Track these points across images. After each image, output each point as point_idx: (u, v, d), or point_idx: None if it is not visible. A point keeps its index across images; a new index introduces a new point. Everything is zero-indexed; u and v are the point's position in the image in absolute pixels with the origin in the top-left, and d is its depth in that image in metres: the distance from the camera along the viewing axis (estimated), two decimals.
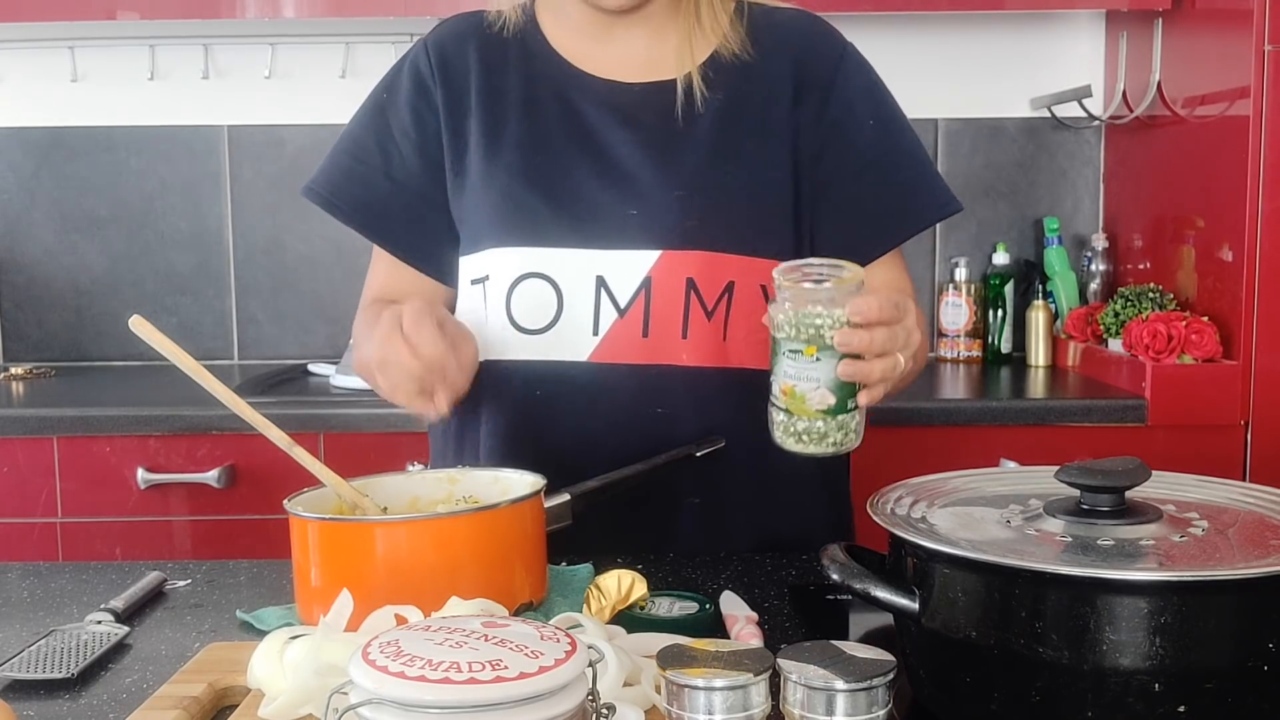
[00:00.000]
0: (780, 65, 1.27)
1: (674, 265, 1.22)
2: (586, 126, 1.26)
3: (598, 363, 1.23)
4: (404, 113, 1.30)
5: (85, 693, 0.90)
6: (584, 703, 0.66)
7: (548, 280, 1.24)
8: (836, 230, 1.27)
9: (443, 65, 1.30)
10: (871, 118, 1.29)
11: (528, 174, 1.25)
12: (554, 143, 1.26)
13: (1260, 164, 2.11)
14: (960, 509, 0.87)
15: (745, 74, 1.27)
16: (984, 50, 2.74)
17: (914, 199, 1.30)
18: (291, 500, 1.02)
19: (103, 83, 2.75)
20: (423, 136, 1.30)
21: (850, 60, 1.30)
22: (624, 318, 1.23)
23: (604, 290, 1.23)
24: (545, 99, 1.28)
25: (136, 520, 2.18)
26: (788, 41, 1.29)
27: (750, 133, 1.26)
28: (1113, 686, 0.72)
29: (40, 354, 2.78)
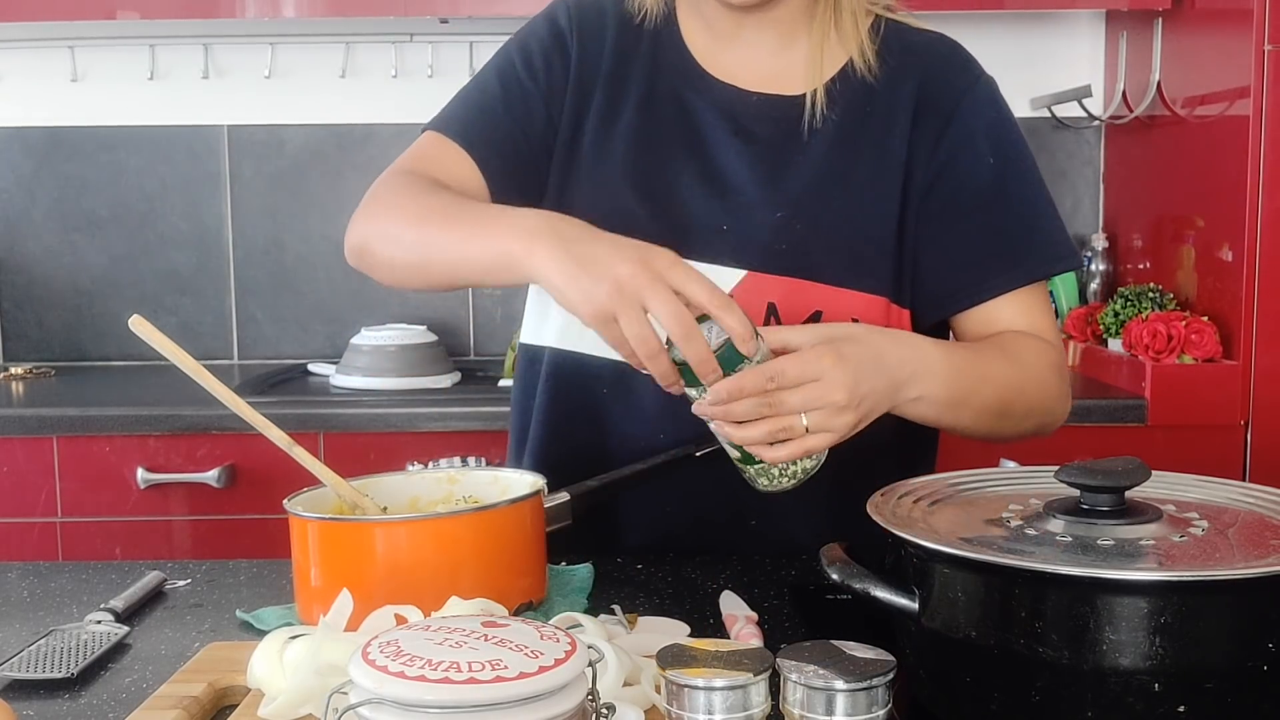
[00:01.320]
0: (904, 89, 1.23)
1: (758, 287, 1.18)
2: (699, 132, 1.23)
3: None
4: (537, 59, 1.26)
5: (85, 692, 0.90)
6: (584, 703, 0.66)
7: None
8: (935, 270, 1.22)
9: (582, 29, 1.26)
10: (992, 155, 1.23)
11: (632, 174, 1.23)
12: (664, 144, 1.23)
13: (1260, 164, 2.11)
14: (960, 509, 0.87)
15: (868, 95, 1.22)
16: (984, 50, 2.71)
17: (1027, 248, 1.22)
18: (291, 500, 1.02)
19: (103, 83, 2.75)
20: (550, 84, 1.25)
21: (980, 92, 1.26)
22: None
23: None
24: (664, 95, 1.25)
25: (136, 520, 2.18)
26: (917, 65, 1.24)
27: (864, 160, 1.21)
28: (1113, 686, 0.72)
29: (40, 354, 2.78)
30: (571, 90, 1.26)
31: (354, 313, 2.77)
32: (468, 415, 2.17)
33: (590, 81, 1.26)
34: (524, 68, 1.27)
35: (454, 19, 2.52)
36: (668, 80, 1.25)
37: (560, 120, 1.26)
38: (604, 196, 1.23)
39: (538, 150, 1.26)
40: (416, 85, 2.69)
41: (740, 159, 1.22)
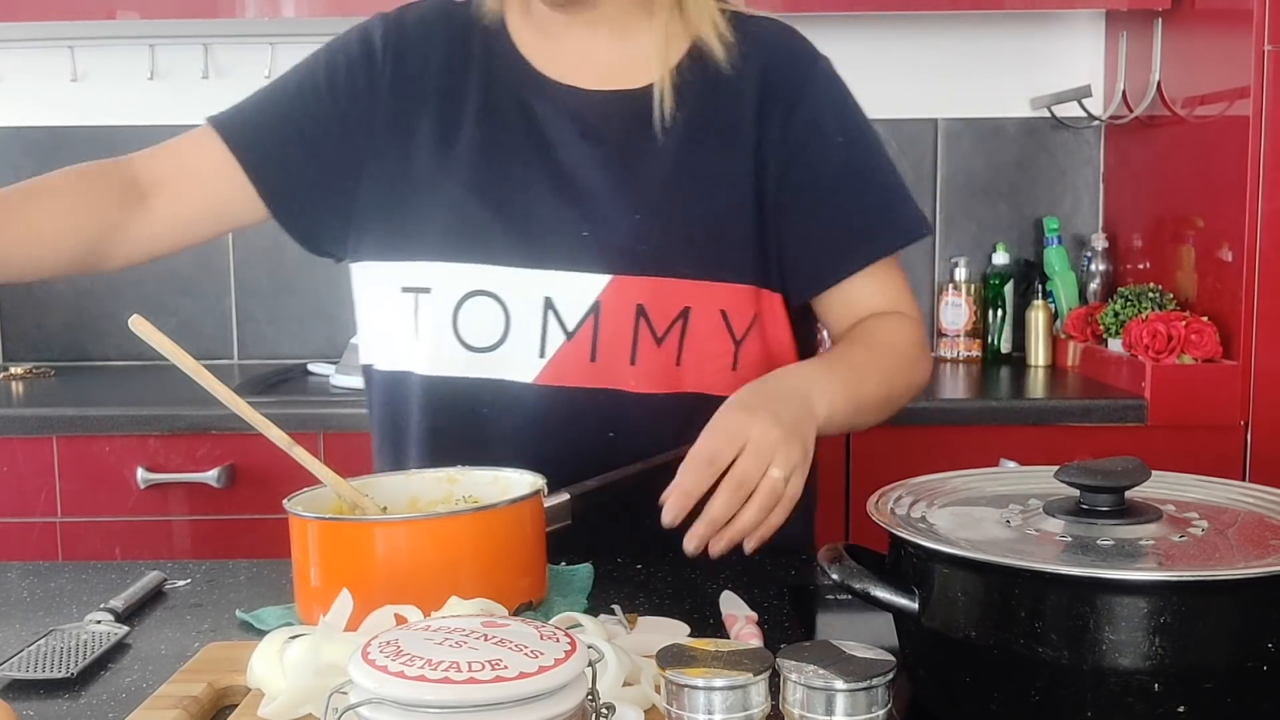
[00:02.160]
0: (748, 77, 1.23)
1: (624, 290, 1.19)
2: (545, 138, 1.22)
3: (544, 385, 1.20)
4: (340, 77, 1.25)
5: (85, 692, 0.90)
6: (584, 703, 0.66)
7: (495, 299, 1.20)
8: (801, 252, 1.24)
9: (399, 49, 1.25)
10: (840, 135, 1.25)
11: (480, 187, 1.21)
12: (510, 153, 1.22)
13: (1260, 164, 2.11)
14: (960, 509, 0.87)
15: (714, 86, 1.23)
16: (984, 50, 2.74)
17: (881, 222, 1.26)
18: (291, 500, 1.02)
19: (103, 83, 2.75)
20: (350, 105, 1.24)
21: (820, 73, 1.26)
22: (572, 341, 1.20)
23: (552, 312, 1.19)
24: (504, 104, 1.23)
25: (136, 520, 2.18)
26: (758, 53, 1.24)
27: (715, 153, 1.22)
28: (1112, 686, 0.72)
29: (40, 354, 2.78)
30: (386, 109, 1.24)
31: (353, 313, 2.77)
32: None
33: (415, 99, 1.24)
34: (326, 81, 1.25)
35: None
36: (506, 88, 1.24)
37: (369, 139, 1.24)
38: (449, 211, 1.22)
39: (331, 165, 1.24)
40: None
41: (591, 161, 1.21)
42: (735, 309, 1.22)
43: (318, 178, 1.25)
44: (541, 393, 1.21)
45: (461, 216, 1.21)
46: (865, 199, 1.26)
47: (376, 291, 1.27)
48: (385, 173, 1.24)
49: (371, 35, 1.26)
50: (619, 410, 1.21)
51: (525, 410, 1.21)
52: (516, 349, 1.21)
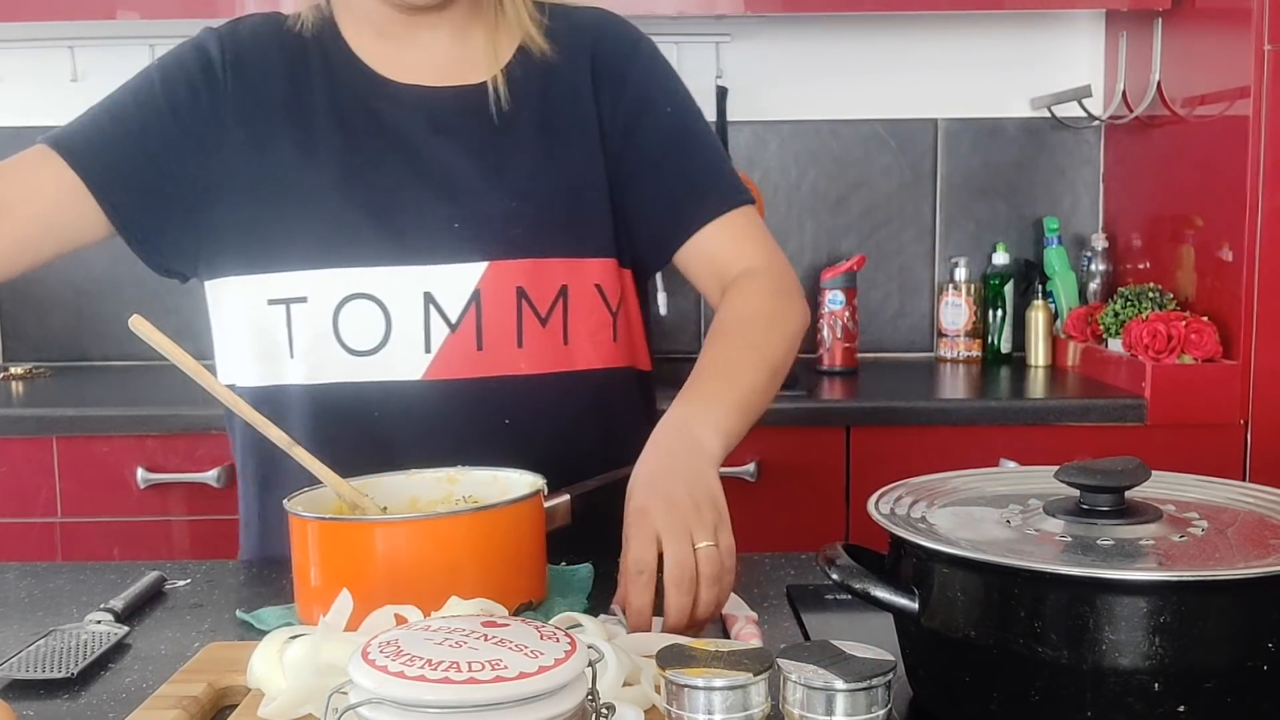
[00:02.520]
0: (580, 63, 1.27)
1: (502, 275, 1.20)
2: (402, 137, 1.23)
3: (433, 380, 1.21)
4: (180, 88, 1.23)
5: (85, 693, 0.90)
6: (584, 703, 0.66)
7: (374, 300, 1.20)
8: (646, 220, 1.28)
9: (239, 63, 1.24)
10: (669, 107, 1.30)
11: (348, 191, 1.21)
12: (372, 155, 1.22)
13: (1260, 164, 2.11)
14: (960, 509, 0.87)
15: (550, 76, 1.27)
16: (984, 50, 2.74)
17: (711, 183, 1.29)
18: (291, 500, 1.02)
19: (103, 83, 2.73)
20: (194, 120, 1.22)
21: (643, 51, 1.31)
22: (456, 332, 1.20)
23: (433, 306, 1.20)
24: (354, 110, 1.23)
25: (136, 520, 2.18)
26: (584, 38, 1.29)
27: (566, 137, 1.25)
28: (1112, 686, 0.72)
29: (40, 354, 2.78)
30: (235, 123, 1.23)
31: None
32: None
33: (264, 110, 1.23)
34: (166, 99, 1.24)
35: None
36: (352, 95, 1.24)
37: (220, 156, 1.22)
38: (320, 218, 1.21)
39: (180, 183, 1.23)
40: None
41: (453, 155, 1.23)
42: (607, 281, 1.27)
43: (167, 197, 1.23)
44: (431, 388, 1.21)
45: (333, 222, 1.21)
46: (699, 162, 1.30)
47: (239, 307, 1.25)
48: (242, 187, 1.23)
49: (207, 49, 1.25)
50: (511, 396, 1.22)
51: (416, 408, 1.21)
52: (401, 347, 1.21)
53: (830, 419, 2.17)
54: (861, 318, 2.69)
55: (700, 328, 2.80)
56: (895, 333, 2.81)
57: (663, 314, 2.77)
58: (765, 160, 2.76)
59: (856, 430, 2.16)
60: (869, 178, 2.77)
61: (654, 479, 1.04)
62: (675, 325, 2.80)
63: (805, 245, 2.78)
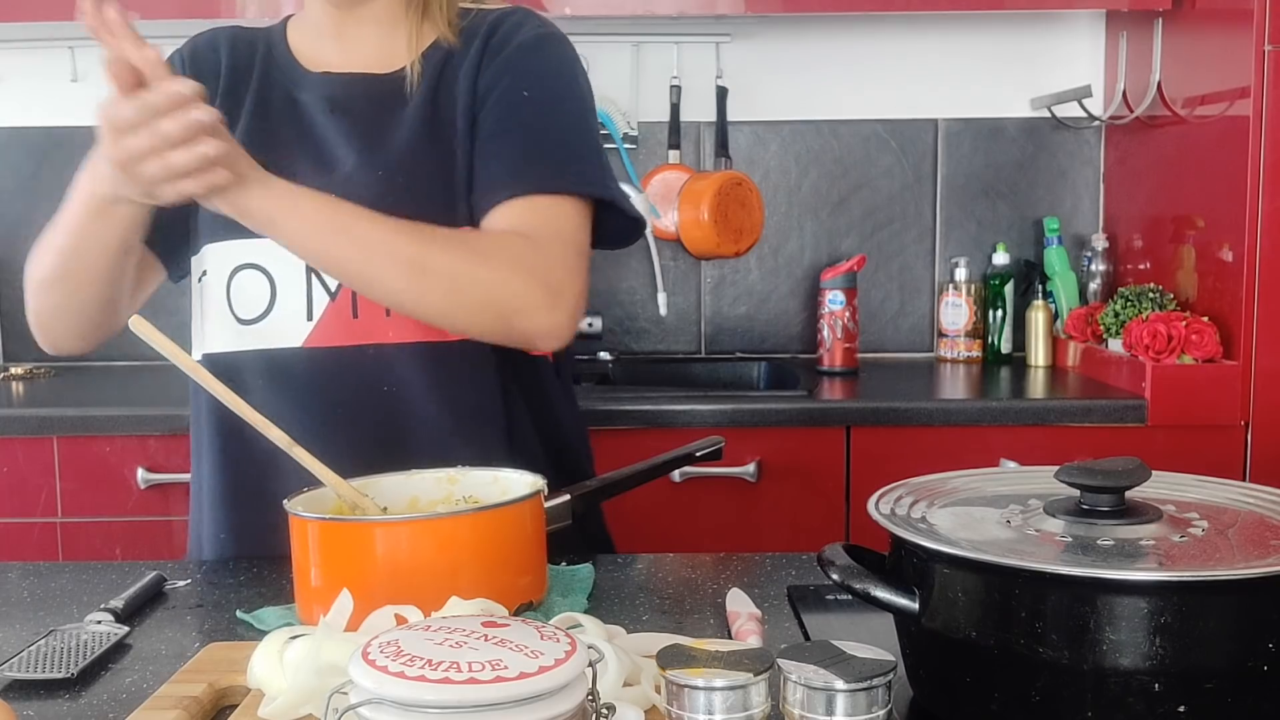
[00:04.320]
0: (473, 48, 1.31)
1: None
2: (306, 120, 1.30)
3: (314, 347, 1.25)
4: None
5: (85, 693, 0.90)
6: (584, 703, 0.66)
7: (260, 270, 1.26)
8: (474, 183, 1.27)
9: (196, 69, 1.34)
10: (525, 88, 1.28)
11: None
12: (277, 141, 1.29)
13: (1260, 164, 2.11)
14: (960, 509, 0.87)
15: (447, 60, 1.31)
16: (984, 50, 2.74)
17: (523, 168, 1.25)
18: (291, 500, 1.02)
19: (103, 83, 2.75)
20: None
21: (526, 36, 1.30)
22: (335, 301, 1.25)
23: (315, 275, 1.25)
24: (275, 99, 1.32)
25: (136, 520, 2.18)
26: (485, 25, 1.33)
27: (448, 115, 1.29)
28: (1113, 686, 0.72)
29: (40, 354, 2.77)
30: None
31: None
32: None
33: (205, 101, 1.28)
34: None
35: None
36: (276, 86, 1.34)
37: None
38: None
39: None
40: None
41: (339, 134, 1.29)
42: None
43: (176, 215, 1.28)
44: (311, 355, 1.26)
45: None
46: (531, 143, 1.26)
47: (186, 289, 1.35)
48: None
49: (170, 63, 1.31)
50: (386, 364, 1.26)
51: (298, 375, 1.26)
52: (284, 315, 1.26)
53: (830, 419, 2.17)
54: (862, 318, 2.70)
55: (700, 328, 2.81)
56: (895, 333, 2.81)
57: (663, 314, 2.77)
58: (765, 160, 2.76)
59: (857, 430, 2.16)
60: (869, 178, 2.77)
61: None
62: (675, 325, 2.80)
63: (805, 245, 2.78)
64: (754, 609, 1.01)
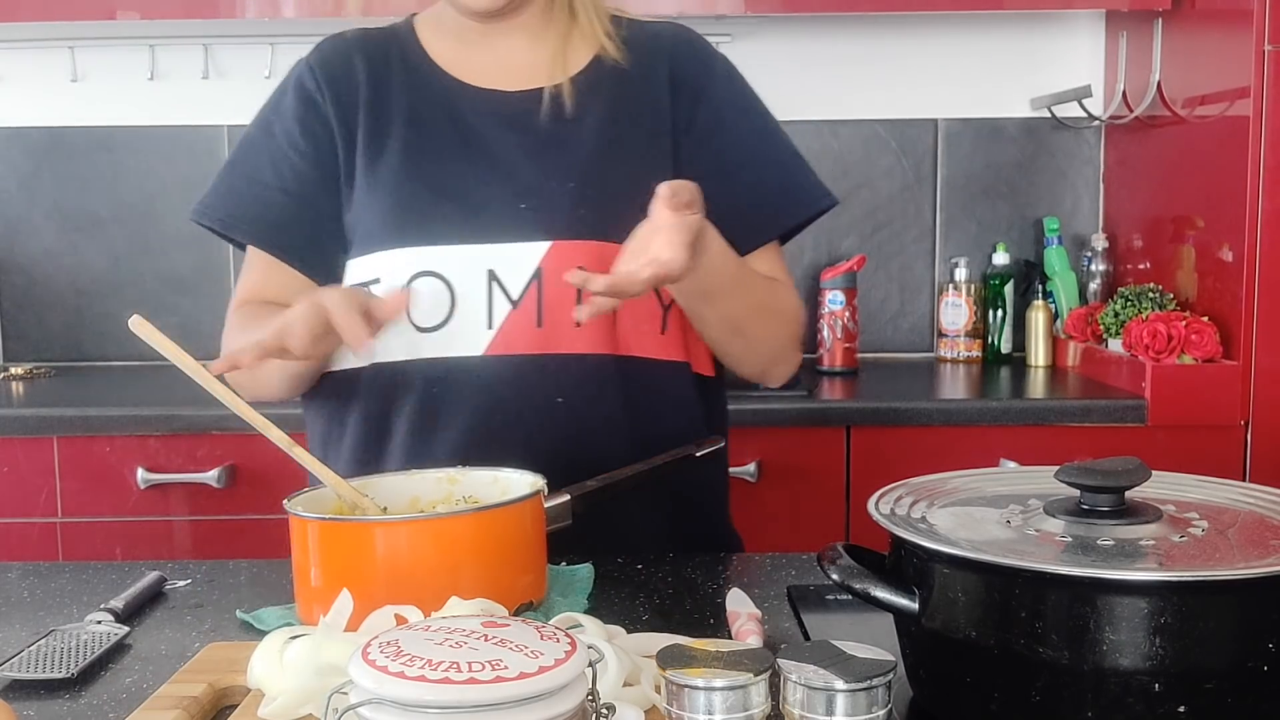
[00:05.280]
0: (656, 70, 1.31)
1: (565, 255, 1.23)
2: (473, 132, 1.28)
3: (494, 356, 1.24)
4: (294, 129, 1.31)
5: (85, 693, 0.90)
6: (584, 703, 0.66)
7: (439, 278, 1.24)
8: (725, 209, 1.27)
9: (330, 80, 1.31)
10: (743, 126, 1.34)
11: (416, 174, 1.26)
12: (443, 149, 1.28)
13: (1260, 164, 2.11)
14: (960, 509, 0.87)
15: (624, 79, 1.31)
16: (984, 50, 2.74)
17: (785, 199, 1.34)
18: (291, 500, 1.02)
19: (103, 83, 2.75)
20: (315, 150, 1.30)
21: (718, 67, 1.35)
22: (517, 309, 1.24)
23: (496, 283, 1.24)
24: (429, 110, 1.30)
25: (136, 520, 2.18)
26: (660, 48, 1.33)
27: (635, 133, 1.29)
28: (1113, 686, 0.72)
29: (40, 354, 2.78)
30: (340, 140, 1.30)
31: None
32: None
33: (353, 117, 1.30)
34: (287, 141, 1.31)
35: None
36: (430, 97, 1.30)
37: (338, 168, 1.30)
38: (389, 197, 1.27)
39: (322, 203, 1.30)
40: None
41: (520, 149, 1.27)
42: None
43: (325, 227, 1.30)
44: (490, 364, 1.24)
45: (402, 200, 1.26)
46: (769, 179, 1.34)
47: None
48: (344, 188, 1.30)
49: (304, 84, 1.32)
50: (565, 374, 1.25)
51: (475, 383, 1.25)
52: (463, 324, 1.24)
53: (830, 419, 2.17)
54: (862, 318, 2.69)
55: None
56: (895, 333, 2.81)
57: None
58: None
59: (856, 430, 2.16)
60: (869, 178, 2.77)
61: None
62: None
63: (805, 245, 2.78)
64: (754, 609, 1.01)
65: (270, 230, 1.31)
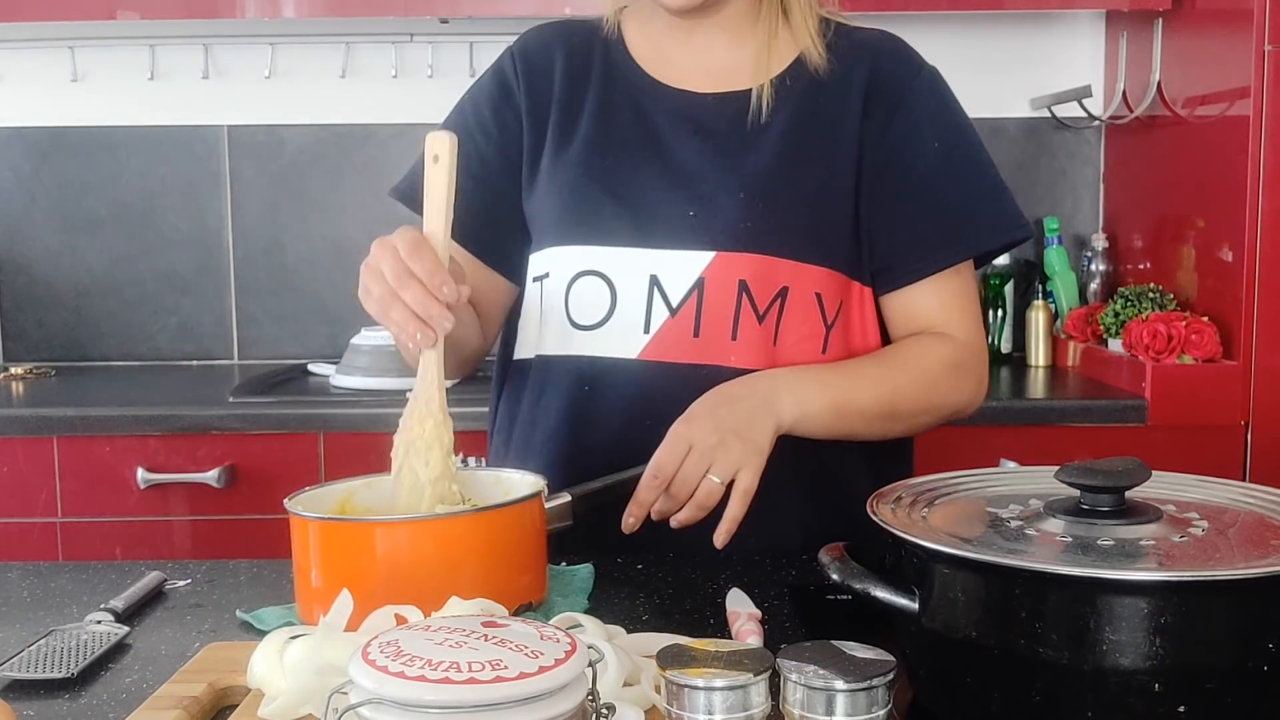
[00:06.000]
0: (854, 79, 1.27)
1: (728, 266, 1.23)
2: (656, 133, 1.28)
3: (648, 360, 1.24)
4: (486, 113, 1.32)
5: (85, 693, 0.90)
6: (584, 703, 0.66)
7: (603, 278, 1.25)
8: (888, 247, 1.27)
9: (529, 72, 1.32)
10: (937, 140, 1.28)
11: (592, 173, 1.27)
12: (622, 146, 1.28)
13: (1260, 164, 2.11)
14: (960, 509, 0.87)
15: (819, 86, 1.27)
16: (984, 50, 2.74)
17: (968, 224, 1.28)
18: (292, 500, 1.02)
19: (103, 83, 2.75)
20: (504, 137, 1.31)
21: (923, 81, 1.30)
22: (675, 317, 1.23)
23: (657, 289, 1.24)
24: (619, 106, 1.29)
25: (136, 520, 2.18)
26: (864, 58, 1.29)
27: (819, 143, 1.26)
28: (1112, 686, 0.72)
29: (40, 354, 2.78)
30: (528, 130, 1.31)
31: (354, 313, 2.75)
32: (467, 415, 2.17)
33: (545, 111, 1.31)
34: (480, 130, 1.32)
35: (454, 19, 2.52)
36: (622, 92, 1.30)
37: (521, 159, 1.32)
38: (564, 195, 1.28)
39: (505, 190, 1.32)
40: (417, 85, 2.69)
41: (700, 154, 1.26)
42: (828, 293, 1.25)
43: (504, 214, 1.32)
44: (644, 368, 1.24)
45: (575, 200, 1.27)
46: (955, 202, 1.28)
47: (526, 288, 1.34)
48: (526, 179, 1.32)
49: (504, 71, 1.34)
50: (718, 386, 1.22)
51: (628, 386, 1.25)
52: (622, 325, 1.25)
53: None
54: None
55: None
56: None
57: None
58: None
59: None
60: None
61: (716, 404, 1.15)
62: None
63: None
64: (754, 609, 1.01)
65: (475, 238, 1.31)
